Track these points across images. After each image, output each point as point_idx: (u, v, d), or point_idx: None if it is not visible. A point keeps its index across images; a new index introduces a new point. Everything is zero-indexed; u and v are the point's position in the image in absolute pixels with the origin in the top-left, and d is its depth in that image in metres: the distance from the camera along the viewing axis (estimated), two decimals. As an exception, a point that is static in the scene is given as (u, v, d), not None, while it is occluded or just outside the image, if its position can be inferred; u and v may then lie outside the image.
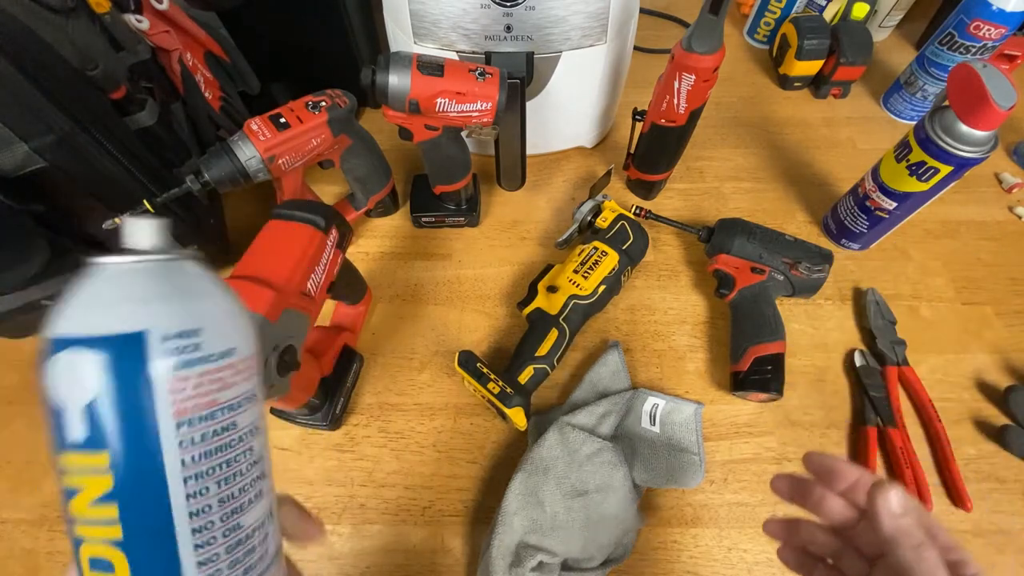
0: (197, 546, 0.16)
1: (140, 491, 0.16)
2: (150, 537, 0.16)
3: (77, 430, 0.15)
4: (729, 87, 0.76)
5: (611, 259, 0.53)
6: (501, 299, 0.58)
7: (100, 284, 0.16)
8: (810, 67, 0.72)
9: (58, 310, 0.16)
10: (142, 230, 0.17)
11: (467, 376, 0.47)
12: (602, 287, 0.52)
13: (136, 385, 0.16)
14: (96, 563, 0.16)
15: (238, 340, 0.18)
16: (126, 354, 0.15)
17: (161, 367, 0.16)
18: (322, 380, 0.47)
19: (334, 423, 0.49)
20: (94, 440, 0.15)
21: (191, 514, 0.16)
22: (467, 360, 0.48)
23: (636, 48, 0.66)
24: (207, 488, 0.17)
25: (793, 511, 0.46)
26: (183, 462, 0.16)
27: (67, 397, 0.15)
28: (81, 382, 0.15)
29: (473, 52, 0.52)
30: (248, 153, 0.45)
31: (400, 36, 0.54)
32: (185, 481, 0.16)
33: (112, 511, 0.16)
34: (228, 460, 0.17)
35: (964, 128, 0.46)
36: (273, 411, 0.48)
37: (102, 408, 0.15)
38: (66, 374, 0.15)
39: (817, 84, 0.75)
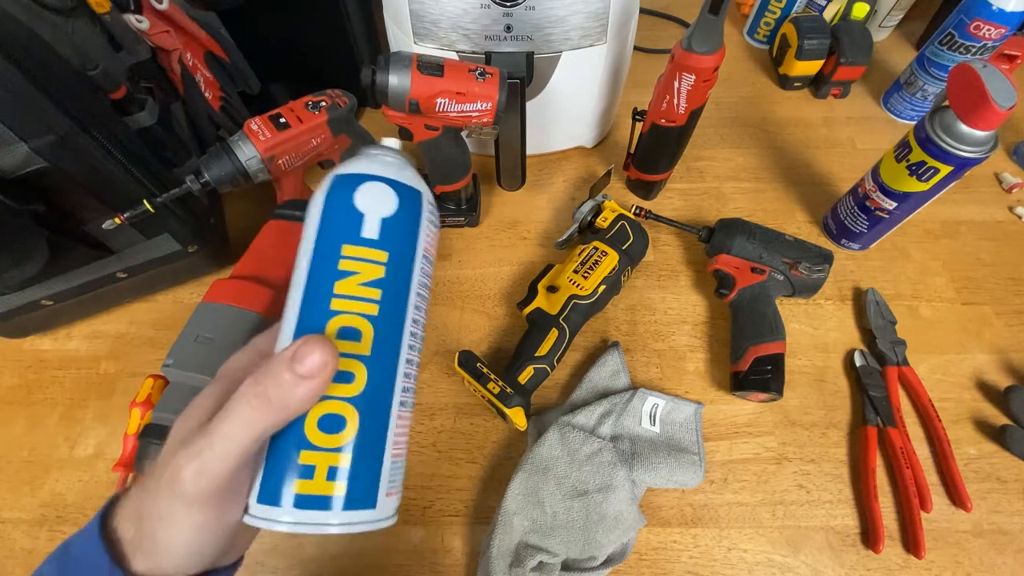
0: (411, 337, 0.23)
1: (396, 286, 0.22)
2: (392, 318, 0.22)
3: (372, 231, 0.22)
4: (729, 87, 0.76)
5: (611, 259, 0.53)
6: (501, 299, 0.58)
7: (390, 158, 0.24)
8: (810, 67, 0.72)
9: (358, 161, 0.23)
10: (396, 142, 0.28)
11: (467, 376, 0.47)
12: (602, 287, 0.52)
13: (415, 219, 0.23)
14: (345, 331, 0.21)
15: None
16: (414, 199, 0.23)
17: (424, 216, 0.23)
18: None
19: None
20: (382, 242, 0.22)
21: (413, 318, 0.23)
22: (467, 360, 0.48)
23: (636, 48, 0.66)
24: (421, 302, 0.23)
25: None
26: (418, 281, 0.23)
27: (370, 209, 0.22)
28: (383, 203, 0.22)
29: (473, 52, 0.52)
30: (248, 153, 0.45)
31: (400, 36, 0.54)
32: (416, 293, 0.23)
33: (375, 293, 0.21)
34: (428, 289, 0.24)
35: (964, 128, 0.46)
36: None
37: (393, 223, 0.22)
38: (374, 195, 0.22)
39: (817, 84, 0.75)
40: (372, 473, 0.20)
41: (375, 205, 0.22)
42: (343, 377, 0.20)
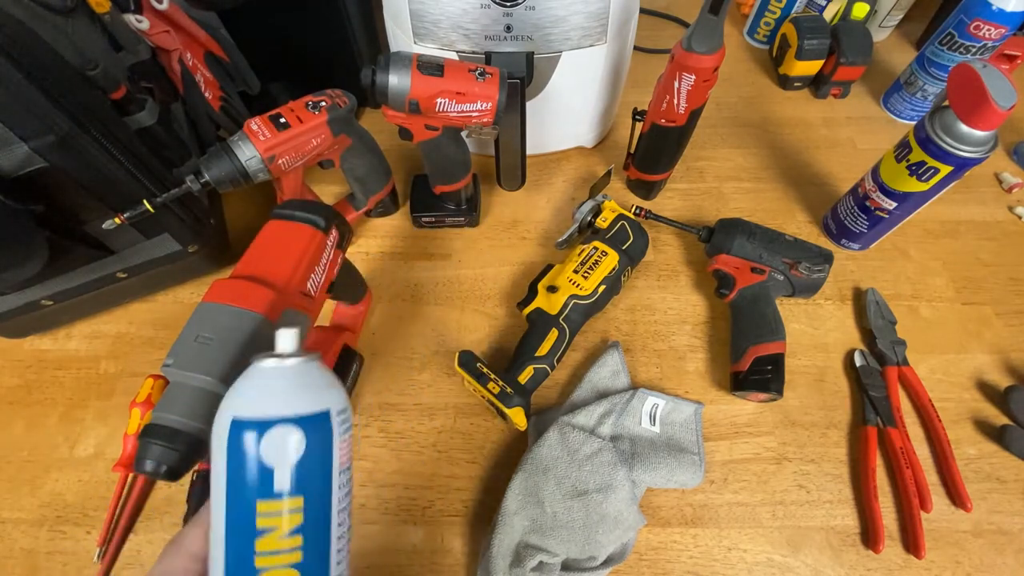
0: (337, 555, 0.23)
1: (317, 523, 0.22)
2: (317, 556, 0.22)
3: (284, 482, 0.21)
4: (729, 87, 0.76)
5: (611, 259, 0.53)
6: (501, 299, 0.58)
7: (279, 377, 0.22)
8: (810, 67, 0.72)
9: (244, 396, 0.22)
10: (292, 337, 0.23)
11: (467, 376, 0.47)
12: (602, 287, 0.52)
13: (327, 447, 0.22)
14: None
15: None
16: (321, 426, 0.22)
17: (336, 437, 0.22)
18: (322, 380, 0.47)
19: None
20: (296, 488, 0.21)
21: (338, 536, 0.23)
22: (467, 360, 0.48)
23: (636, 48, 0.66)
24: (343, 515, 0.23)
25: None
26: (338, 500, 0.22)
27: (279, 460, 0.21)
28: (290, 449, 0.21)
29: (473, 52, 0.52)
30: (248, 153, 0.45)
31: (400, 36, 0.54)
32: (338, 513, 0.22)
33: (297, 540, 0.21)
34: (349, 492, 0.24)
35: (964, 128, 0.46)
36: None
37: (305, 464, 0.21)
38: (280, 442, 0.21)
39: (817, 84, 0.75)
40: None
41: (283, 453, 0.21)
42: None
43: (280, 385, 0.22)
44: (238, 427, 0.21)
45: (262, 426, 0.21)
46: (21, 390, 0.53)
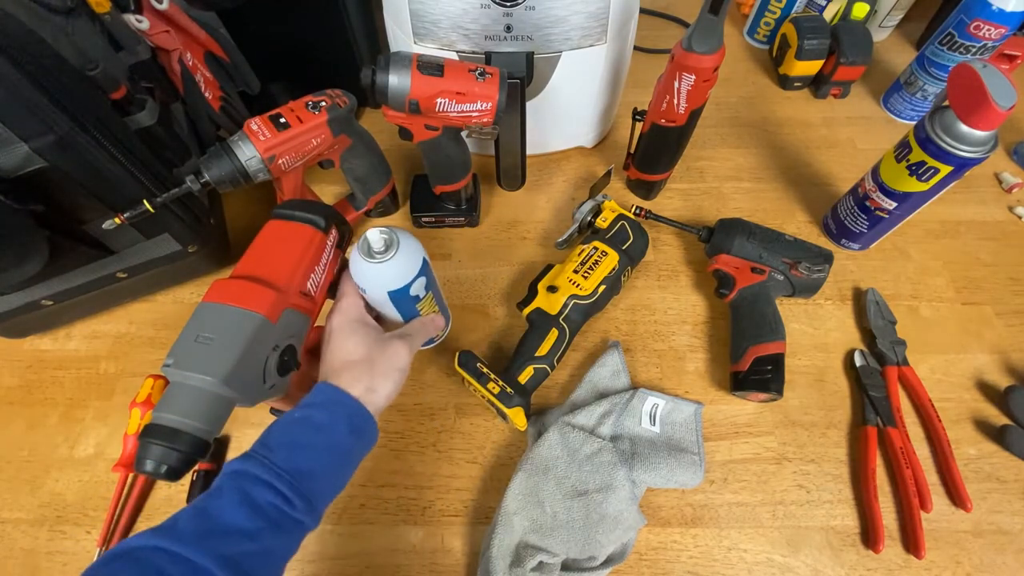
0: (443, 300, 0.48)
1: (436, 292, 0.44)
2: (440, 301, 0.46)
3: (420, 289, 0.40)
4: (729, 87, 0.76)
5: (611, 259, 0.53)
6: (501, 299, 0.58)
7: (398, 263, 0.38)
8: (810, 67, 0.72)
9: (385, 274, 0.38)
10: (382, 240, 0.38)
11: (467, 376, 0.47)
12: (602, 287, 0.52)
13: (430, 270, 0.42)
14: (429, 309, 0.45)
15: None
16: (425, 264, 0.40)
17: (427, 261, 0.41)
18: (322, 380, 0.47)
19: (335, 423, 0.50)
20: (426, 288, 0.41)
21: (439, 289, 0.45)
22: (467, 360, 0.48)
23: (636, 48, 0.66)
24: (436, 288, 0.44)
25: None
26: (431, 273, 0.42)
27: (420, 293, 0.41)
28: (420, 286, 0.40)
29: (473, 52, 0.52)
30: (248, 153, 0.45)
31: (400, 36, 0.54)
32: (436, 284, 0.44)
33: (430, 296, 0.43)
34: (436, 279, 0.44)
35: (964, 128, 0.46)
36: (273, 412, 0.48)
37: (420, 276, 0.40)
38: (418, 287, 0.40)
39: (817, 84, 0.75)
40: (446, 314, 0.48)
41: (421, 289, 0.40)
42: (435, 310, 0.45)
43: (400, 263, 0.38)
44: (392, 293, 0.39)
45: (405, 288, 0.39)
46: (21, 390, 0.53)
